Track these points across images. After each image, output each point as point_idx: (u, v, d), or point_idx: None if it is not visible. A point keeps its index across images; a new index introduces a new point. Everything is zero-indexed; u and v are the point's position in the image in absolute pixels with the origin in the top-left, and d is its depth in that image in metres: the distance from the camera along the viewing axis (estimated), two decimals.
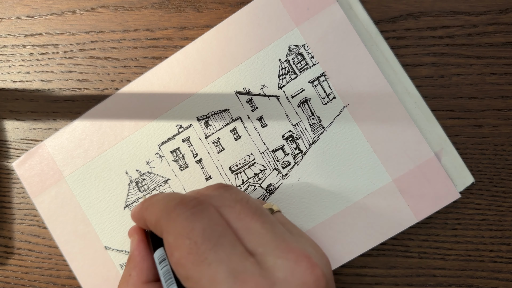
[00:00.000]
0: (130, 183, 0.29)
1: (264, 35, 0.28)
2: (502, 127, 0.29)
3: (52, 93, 0.31)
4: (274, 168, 0.29)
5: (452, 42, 0.29)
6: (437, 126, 0.28)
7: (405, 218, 0.27)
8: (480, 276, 0.28)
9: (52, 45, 0.31)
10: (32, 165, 0.30)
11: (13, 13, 0.32)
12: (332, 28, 0.28)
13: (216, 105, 0.29)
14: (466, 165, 0.28)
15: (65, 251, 0.29)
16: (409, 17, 0.29)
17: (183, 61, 0.29)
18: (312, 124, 0.28)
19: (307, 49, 0.28)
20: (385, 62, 0.28)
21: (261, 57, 0.29)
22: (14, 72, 0.32)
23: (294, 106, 0.28)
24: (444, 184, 0.27)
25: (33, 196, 0.30)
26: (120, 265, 0.29)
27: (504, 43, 0.29)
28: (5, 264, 0.31)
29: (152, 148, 0.29)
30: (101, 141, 0.29)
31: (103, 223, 0.29)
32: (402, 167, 0.27)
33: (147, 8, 0.31)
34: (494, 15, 0.29)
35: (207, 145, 0.29)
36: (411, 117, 0.28)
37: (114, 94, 0.30)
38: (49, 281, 0.31)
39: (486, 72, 0.29)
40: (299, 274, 0.18)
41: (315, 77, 0.28)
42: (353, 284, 0.29)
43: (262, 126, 0.29)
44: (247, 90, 0.29)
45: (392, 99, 0.27)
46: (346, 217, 0.28)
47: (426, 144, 0.27)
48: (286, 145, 0.28)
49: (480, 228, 0.29)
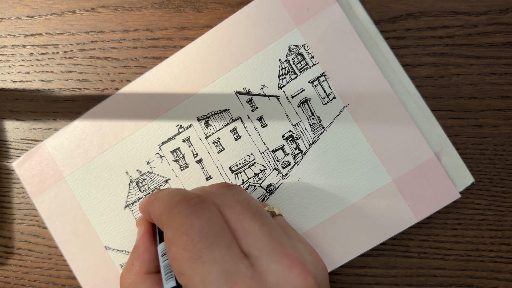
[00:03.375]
0: (131, 183, 0.29)
1: (264, 35, 0.28)
2: (502, 127, 0.29)
3: (52, 93, 0.31)
4: (274, 168, 0.29)
5: (452, 42, 0.29)
6: (437, 126, 0.28)
7: (405, 218, 0.27)
8: (480, 276, 0.28)
9: (52, 45, 0.31)
10: (32, 165, 0.30)
11: (13, 13, 0.32)
12: (332, 28, 0.28)
13: (216, 105, 0.29)
14: (466, 165, 0.28)
15: (65, 251, 0.29)
16: (409, 17, 0.29)
17: (183, 61, 0.29)
18: (312, 124, 0.28)
19: (307, 49, 0.28)
20: (385, 62, 0.28)
21: (261, 57, 0.29)
22: (14, 72, 0.32)
23: (294, 106, 0.28)
24: (444, 184, 0.27)
25: (33, 196, 0.30)
26: (120, 265, 0.29)
27: (504, 43, 0.29)
28: (5, 264, 0.31)
29: (152, 148, 0.29)
30: (101, 141, 0.29)
31: (103, 223, 0.29)
32: (402, 167, 0.27)
33: (147, 8, 0.31)
34: (494, 15, 0.29)
35: (207, 145, 0.29)
36: (411, 117, 0.28)
37: (114, 94, 0.30)
38: (49, 281, 0.31)
39: (486, 72, 0.29)
40: (291, 280, 0.18)
41: (315, 77, 0.28)
42: (353, 284, 0.29)
43: (262, 126, 0.29)
44: (247, 90, 0.29)
45: (392, 99, 0.27)
46: (346, 217, 0.28)
47: (426, 144, 0.27)
48: (286, 145, 0.28)
49: (480, 228, 0.29)
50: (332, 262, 0.28)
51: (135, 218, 0.29)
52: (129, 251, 0.29)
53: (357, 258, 0.29)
